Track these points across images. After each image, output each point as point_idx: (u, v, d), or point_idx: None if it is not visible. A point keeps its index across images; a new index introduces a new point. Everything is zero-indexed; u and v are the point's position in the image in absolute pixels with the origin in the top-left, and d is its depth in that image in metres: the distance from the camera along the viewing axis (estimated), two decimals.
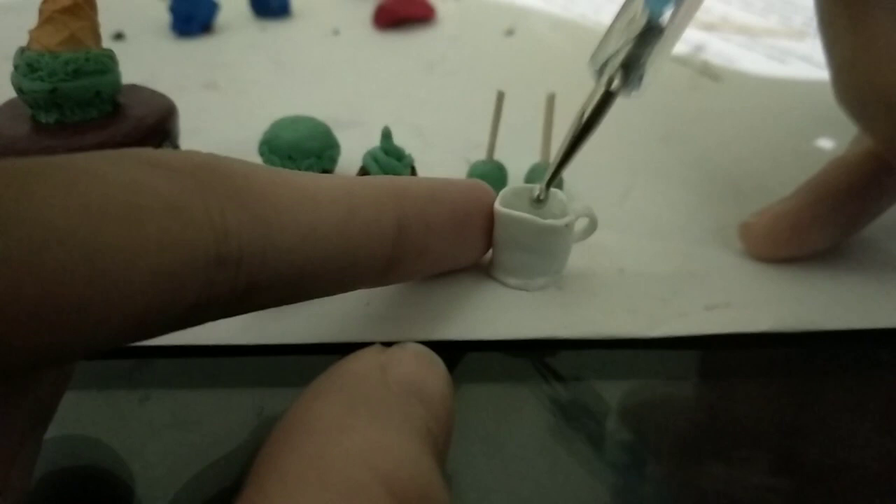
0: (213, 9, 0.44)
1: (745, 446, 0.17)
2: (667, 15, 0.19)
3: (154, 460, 0.16)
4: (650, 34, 0.19)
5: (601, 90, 0.19)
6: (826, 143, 0.26)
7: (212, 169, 0.13)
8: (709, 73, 0.37)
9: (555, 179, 0.21)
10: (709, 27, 0.43)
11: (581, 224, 0.22)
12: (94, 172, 0.11)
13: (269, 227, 0.14)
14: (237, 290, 0.14)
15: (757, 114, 0.33)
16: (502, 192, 0.21)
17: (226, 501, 0.16)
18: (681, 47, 0.40)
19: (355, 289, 0.18)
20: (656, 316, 0.21)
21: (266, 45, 0.42)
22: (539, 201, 0.21)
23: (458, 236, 0.20)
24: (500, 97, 0.25)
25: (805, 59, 0.39)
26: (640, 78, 0.19)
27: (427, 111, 0.33)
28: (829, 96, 0.21)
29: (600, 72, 0.19)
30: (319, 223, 0.15)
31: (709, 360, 0.20)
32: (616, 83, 0.19)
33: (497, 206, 0.20)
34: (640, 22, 0.19)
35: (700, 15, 0.45)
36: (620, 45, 0.19)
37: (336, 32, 0.43)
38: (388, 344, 0.14)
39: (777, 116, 0.32)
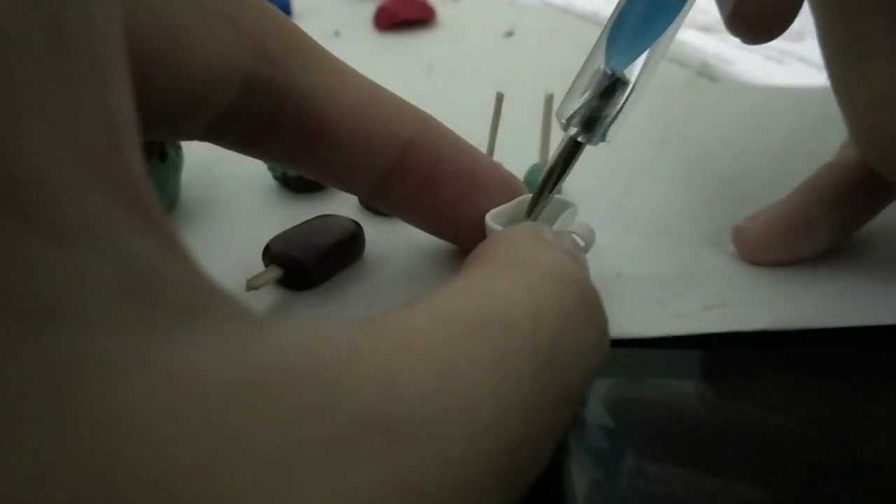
0: None
1: (744, 445, 0.17)
2: (631, 69, 0.19)
3: None
4: (613, 88, 0.19)
5: (569, 142, 0.20)
6: (824, 144, 0.26)
7: (269, 8, 0.17)
8: (707, 74, 0.37)
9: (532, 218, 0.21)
10: (707, 29, 0.43)
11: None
12: None
13: (300, 69, 0.17)
14: (264, 112, 0.17)
15: (755, 115, 0.33)
16: (506, 206, 0.21)
17: None
18: (679, 48, 0.40)
19: (355, 184, 0.20)
20: (655, 317, 0.21)
21: None
22: None
23: (468, 196, 0.20)
24: (500, 98, 0.25)
25: (803, 60, 0.39)
26: (606, 130, 0.19)
27: (427, 111, 0.34)
28: (827, 97, 0.21)
29: (567, 124, 0.20)
30: (342, 90, 0.18)
31: (707, 359, 0.20)
32: (582, 136, 0.19)
33: (487, 217, 0.20)
34: (604, 76, 0.19)
35: (698, 17, 0.45)
36: (586, 98, 0.19)
37: (337, 34, 0.43)
38: None
39: (775, 117, 0.33)
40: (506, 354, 0.11)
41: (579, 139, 0.19)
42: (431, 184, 0.19)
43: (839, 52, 0.20)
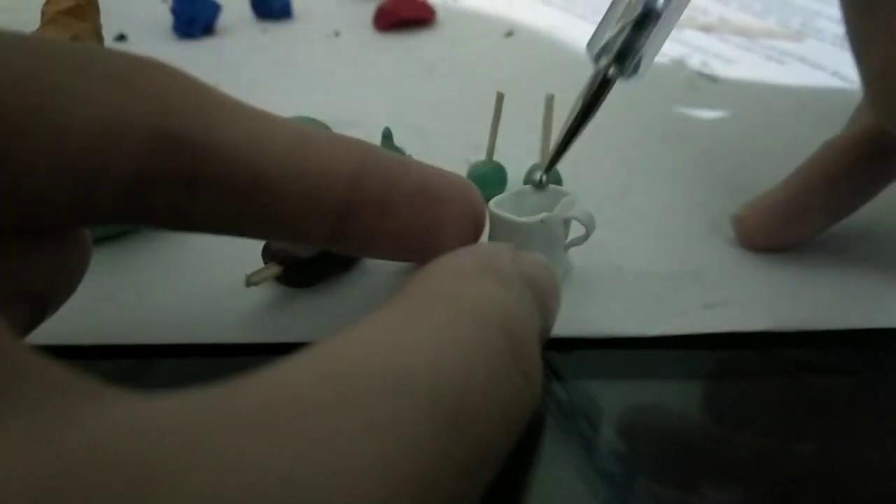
0: (215, 10, 0.44)
1: (743, 446, 0.17)
2: (663, 1, 0.19)
3: None
4: (647, 20, 0.19)
5: (598, 77, 0.19)
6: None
7: (167, 67, 0.15)
8: (707, 74, 0.37)
9: (553, 165, 0.21)
10: (707, 28, 0.43)
11: (574, 226, 0.22)
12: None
13: (212, 120, 0.14)
14: (182, 176, 0.14)
15: (755, 114, 0.33)
16: (507, 195, 0.21)
17: None
18: (679, 48, 0.40)
19: (310, 235, 0.17)
20: (655, 314, 0.21)
21: (267, 47, 0.42)
22: (540, 186, 0.21)
23: (428, 211, 0.18)
24: (500, 98, 0.25)
25: (803, 60, 0.39)
26: (638, 64, 0.19)
27: (427, 112, 0.34)
28: (827, 97, 0.21)
29: (597, 58, 0.19)
30: (270, 135, 0.15)
31: (707, 359, 0.20)
32: (613, 69, 0.19)
33: (490, 204, 0.20)
34: (637, 7, 0.19)
35: (698, 16, 0.45)
36: (617, 31, 0.19)
37: (337, 34, 0.43)
38: None
39: (775, 117, 0.33)
40: (398, 417, 0.09)
41: (610, 73, 0.19)
42: (391, 209, 0.17)
43: (862, 8, 0.19)
